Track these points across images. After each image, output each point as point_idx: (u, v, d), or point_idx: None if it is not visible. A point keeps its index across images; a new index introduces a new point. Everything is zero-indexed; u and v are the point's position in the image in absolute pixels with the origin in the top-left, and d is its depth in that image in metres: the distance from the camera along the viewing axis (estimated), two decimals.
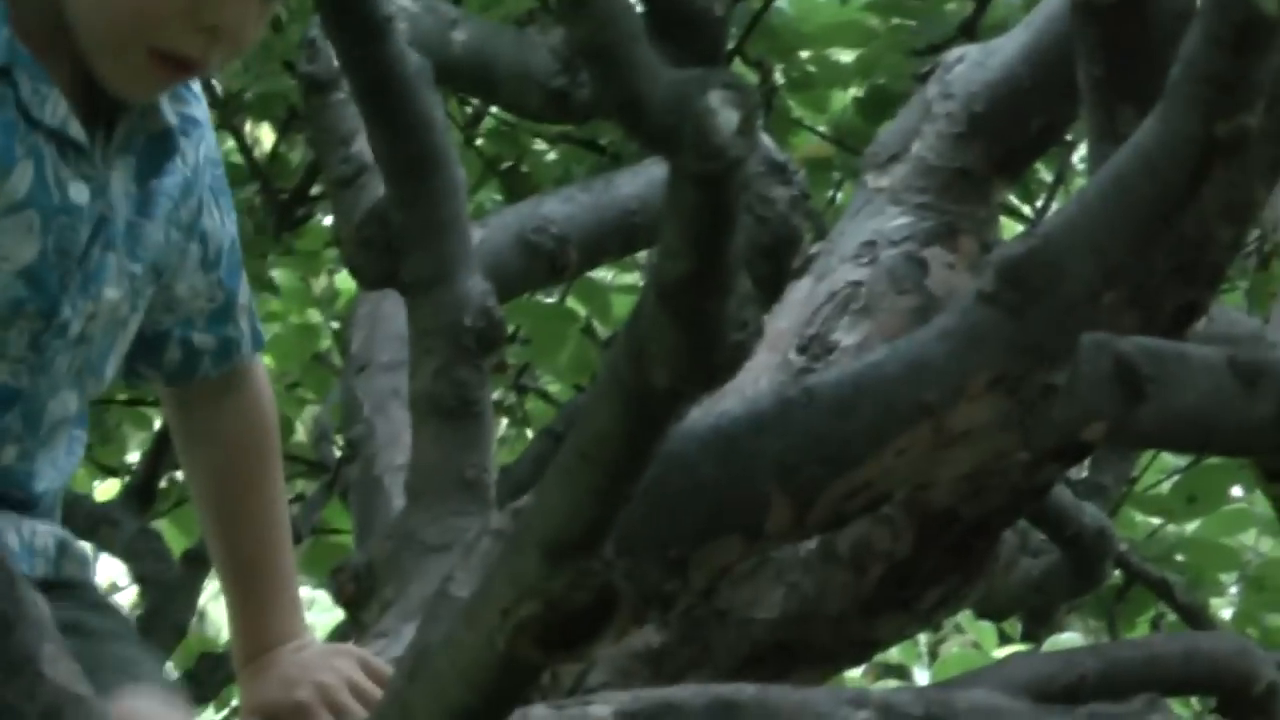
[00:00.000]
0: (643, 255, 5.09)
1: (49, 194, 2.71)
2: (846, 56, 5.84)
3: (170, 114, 2.82)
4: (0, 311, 2.70)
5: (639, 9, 4.13)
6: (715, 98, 1.75)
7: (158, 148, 2.82)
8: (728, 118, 1.77)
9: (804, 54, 5.88)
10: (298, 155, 5.94)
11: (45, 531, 2.90)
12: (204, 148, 2.89)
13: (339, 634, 3.54)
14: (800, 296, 3.39)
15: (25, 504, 2.88)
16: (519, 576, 2.03)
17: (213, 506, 3.06)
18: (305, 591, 8.22)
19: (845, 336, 3.26)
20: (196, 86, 2.91)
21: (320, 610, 6.10)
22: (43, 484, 2.92)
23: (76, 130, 2.71)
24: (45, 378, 2.79)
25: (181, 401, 3.04)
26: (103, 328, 2.82)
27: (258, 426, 3.01)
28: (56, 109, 2.70)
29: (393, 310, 3.49)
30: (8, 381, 2.75)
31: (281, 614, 2.95)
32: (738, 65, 5.41)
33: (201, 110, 2.90)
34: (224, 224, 2.93)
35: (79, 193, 2.72)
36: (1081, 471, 3.82)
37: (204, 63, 2.70)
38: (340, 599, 3.38)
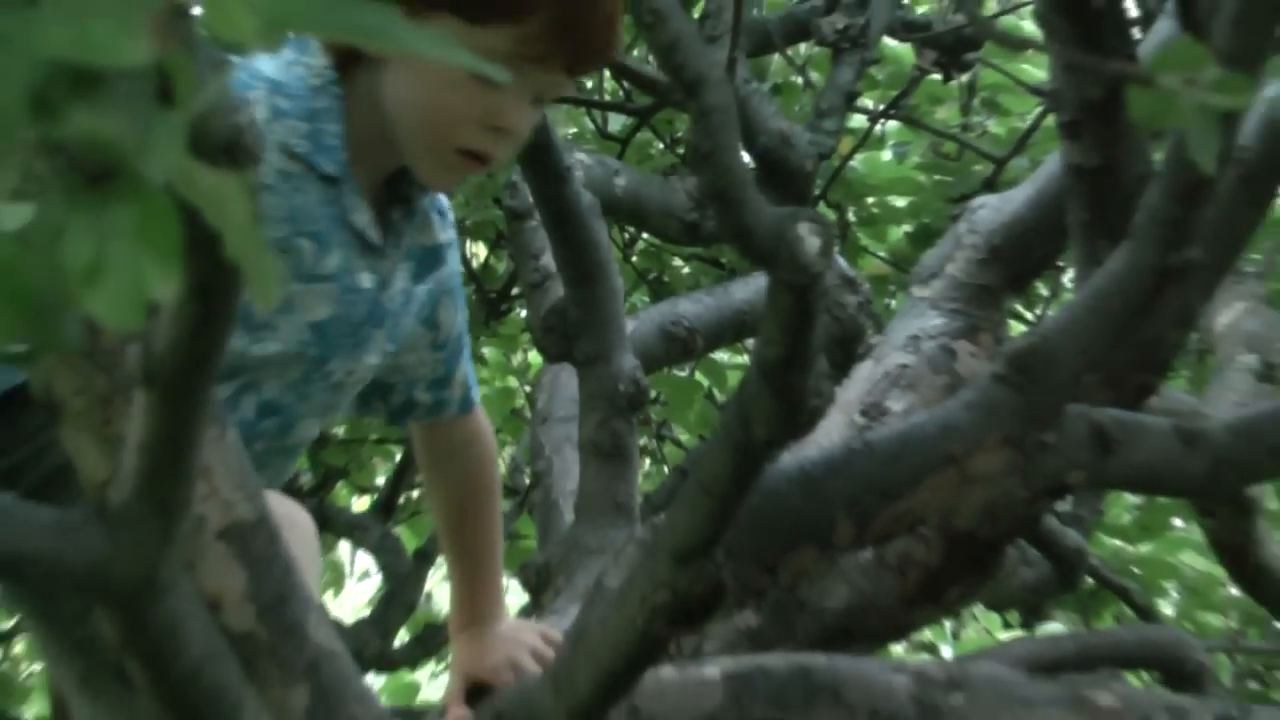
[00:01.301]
0: (750, 342, 5.10)
1: (348, 276, 2.70)
2: (901, 202, 5.81)
3: (441, 233, 2.84)
4: (290, 348, 2.68)
5: (750, 163, 4.17)
6: (803, 229, 1.80)
7: (431, 257, 2.83)
8: (812, 243, 1.81)
9: (870, 199, 5.87)
10: (503, 266, 5.97)
11: None
12: (452, 260, 2.87)
13: (524, 612, 3.49)
14: (863, 374, 3.37)
15: None
16: (655, 574, 2.04)
17: (446, 516, 3.02)
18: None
19: (895, 404, 3.26)
20: (450, 215, 2.88)
21: (512, 594, 6.07)
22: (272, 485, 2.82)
23: (374, 235, 2.70)
24: (303, 405, 2.76)
25: (422, 437, 2.99)
26: (355, 383, 2.82)
27: (478, 459, 2.95)
28: (362, 216, 2.69)
29: (568, 379, 3.47)
30: (278, 398, 2.73)
31: (488, 598, 2.90)
32: (821, 207, 5.40)
33: (452, 232, 2.88)
34: (455, 318, 2.90)
35: (366, 281, 2.71)
36: (1065, 505, 3.80)
37: (494, 156, 2.69)
38: (526, 587, 3.37)
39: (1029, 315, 5.51)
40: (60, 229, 0.87)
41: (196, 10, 0.96)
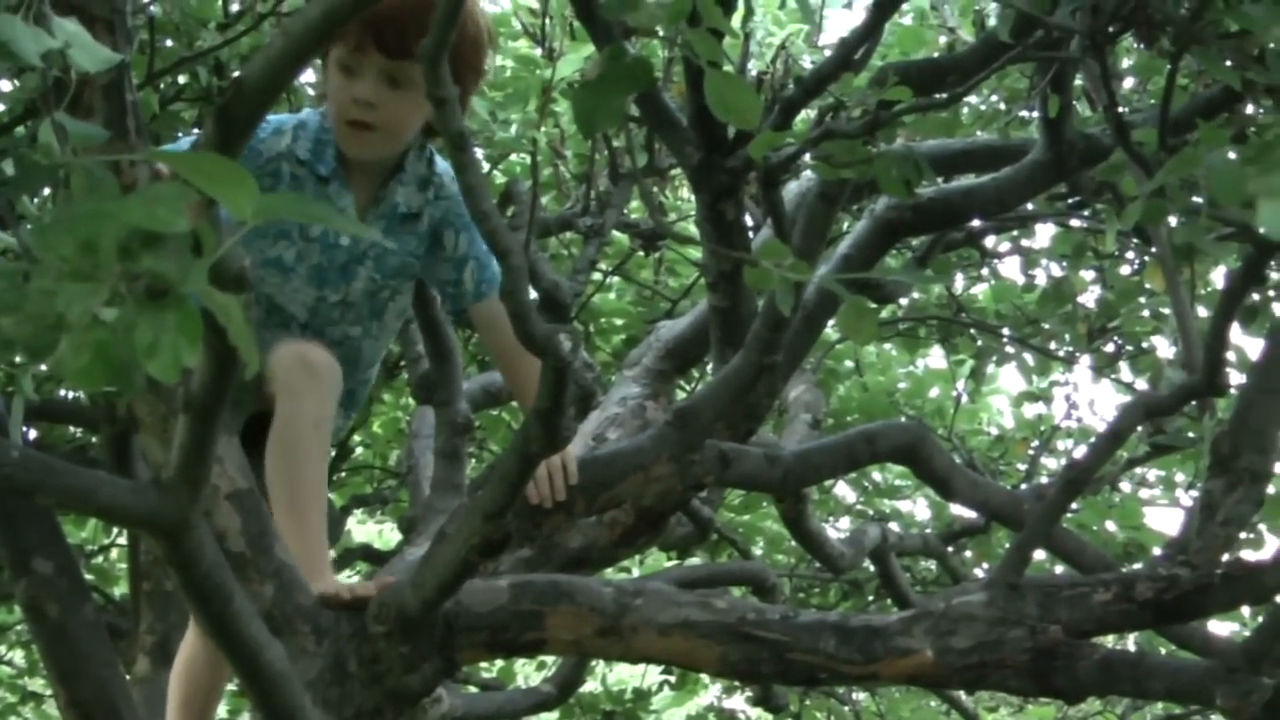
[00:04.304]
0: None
1: (330, 236, 2.59)
2: (619, 321, 5.80)
3: (414, 200, 2.63)
4: (305, 284, 2.59)
5: (535, 296, 4.12)
6: (563, 336, 1.79)
7: (406, 219, 2.62)
8: (567, 345, 1.80)
9: (602, 320, 5.84)
10: (396, 349, 5.89)
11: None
12: (439, 214, 2.63)
13: (399, 546, 3.43)
14: (594, 418, 3.32)
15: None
16: (472, 526, 2.02)
17: (501, 371, 2.88)
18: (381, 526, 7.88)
19: (611, 435, 3.21)
20: (435, 189, 2.64)
21: (392, 533, 5.95)
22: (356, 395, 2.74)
23: (351, 212, 2.56)
24: (335, 328, 2.63)
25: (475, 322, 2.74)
26: (359, 300, 2.64)
27: (500, 331, 2.50)
28: (345, 200, 2.56)
29: (429, 414, 3.39)
30: (314, 321, 2.63)
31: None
32: (575, 323, 5.40)
33: (434, 195, 2.63)
34: (458, 239, 2.64)
35: (343, 239, 2.59)
36: (704, 495, 3.78)
37: (370, 122, 2.50)
38: (402, 530, 3.33)
39: (687, 388, 5.49)
40: (133, 323, 0.85)
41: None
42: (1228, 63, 1.57)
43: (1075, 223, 4.77)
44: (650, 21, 1.31)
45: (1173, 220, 2.38)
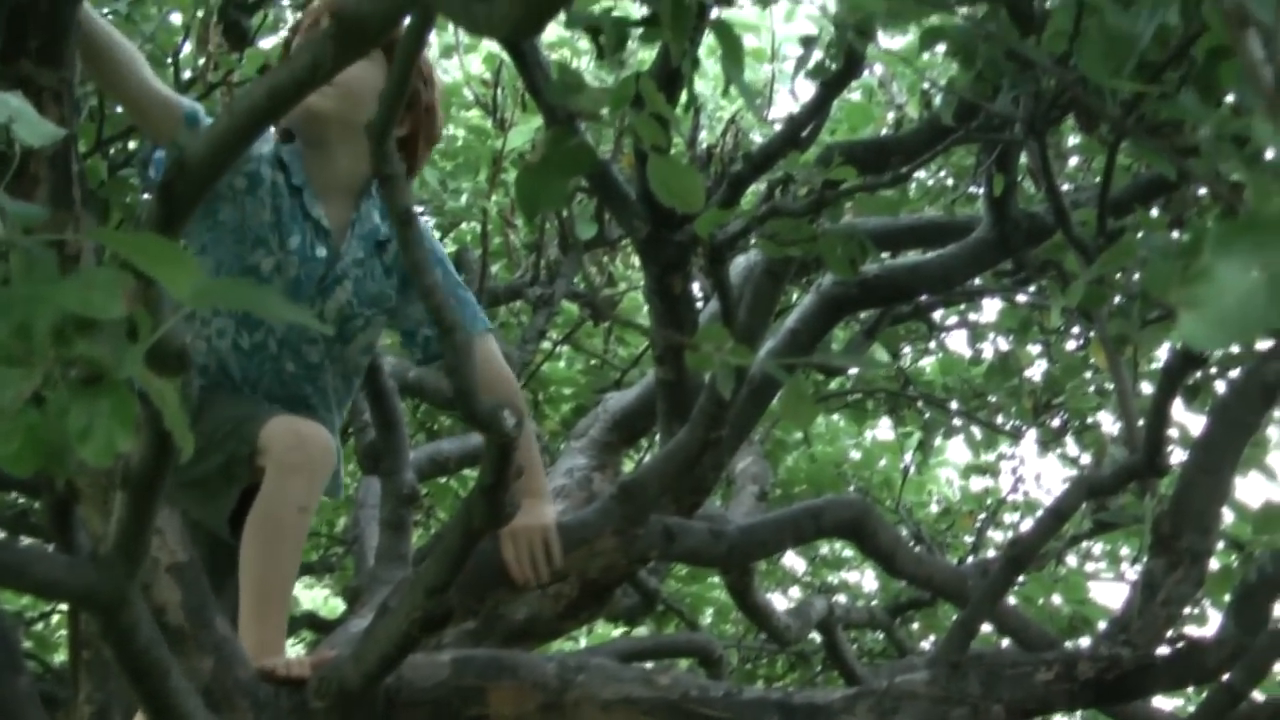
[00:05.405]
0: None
1: (306, 249, 2.57)
2: (568, 390, 5.80)
3: (384, 227, 2.64)
4: (284, 296, 2.50)
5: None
6: (506, 413, 1.80)
7: (379, 244, 2.64)
8: (510, 421, 1.81)
9: (551, 388, 5.84)
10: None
11: None
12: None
13: (344, 616, 3.40)
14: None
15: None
16: (415, 601, 2.03)
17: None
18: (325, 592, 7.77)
19: (559, 506, 3.20)
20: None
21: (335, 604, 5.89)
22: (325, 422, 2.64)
23: (325, 222, 2.58)
24: (310, 349, 2.60)
25: None
26: (331, 320, 2.61)
27: (492, 373, 2.59)
28: (318, 209, 2.58)
29: (376, 483, 3.41)
30: (285, 332, 2.60)
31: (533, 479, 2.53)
32: (525, 391, 5.40)
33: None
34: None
35: (321, 252, 2.58)
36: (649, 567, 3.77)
37: None
38: (346, 600, 3.31)
39: (635, 457, 5.49)
40: (67, 408, 0.85)
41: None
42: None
43: (1021, 298, 4.81)
44: (594, 107, 1.32)
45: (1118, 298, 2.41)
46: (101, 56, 2.35)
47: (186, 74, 3.68)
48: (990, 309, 5.51)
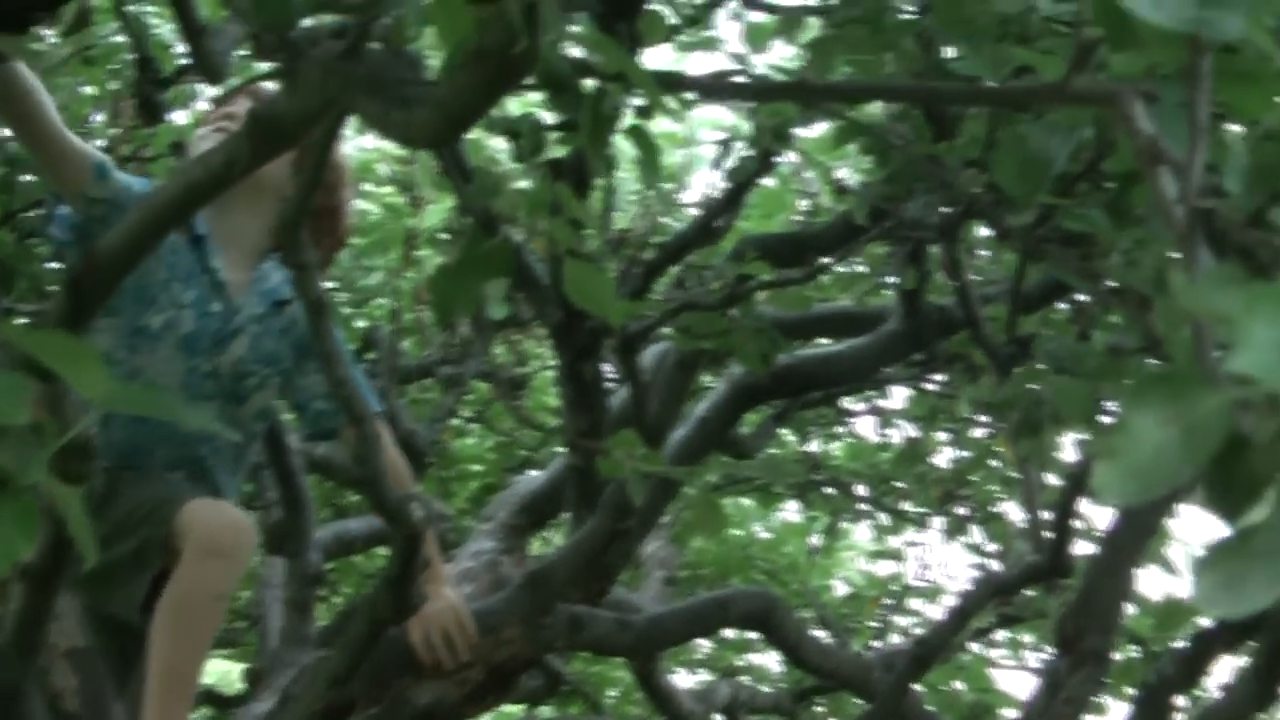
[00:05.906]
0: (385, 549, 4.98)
1: (202, 304, 2.55)
2: (478, 468, 5.77)
3: (285, 289, 2.63)
4: (174, 352, 2.53)
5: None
6: (415, 505, 1.80)
7: (277, 303, 2.63)
8: (419, 512, 1.81)
9: (460, 465, 5.80)
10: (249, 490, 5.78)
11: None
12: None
13: (245, 695, 3.33)
14: (448, 570, 3.36)
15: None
16: (316, 691, 2.01)
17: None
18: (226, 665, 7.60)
19: (465, 589, 3.17)
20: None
21: (235, 681, 5.76)
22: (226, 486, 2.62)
23: (223, 275, 2.56)
24: (191, 392, 2.54)
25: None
26: (225, 376, 2.58)
27: (392, 461, 2.53)
28: (217, 261, 2.56)
29: (280, 563, 3.37)
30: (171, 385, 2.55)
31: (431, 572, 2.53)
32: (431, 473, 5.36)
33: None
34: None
35: (216, 307, 2.55)
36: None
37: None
38: (248, 682, 3.17)
39: (546, 542, 5.46)
40: None
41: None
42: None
43: (930, 386, 4.85)
44: (511, 208, 1.33)
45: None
46: (18, 99, 2.31)
47: (98, 144, 3.65)
48: (899, 395, 5.54)
